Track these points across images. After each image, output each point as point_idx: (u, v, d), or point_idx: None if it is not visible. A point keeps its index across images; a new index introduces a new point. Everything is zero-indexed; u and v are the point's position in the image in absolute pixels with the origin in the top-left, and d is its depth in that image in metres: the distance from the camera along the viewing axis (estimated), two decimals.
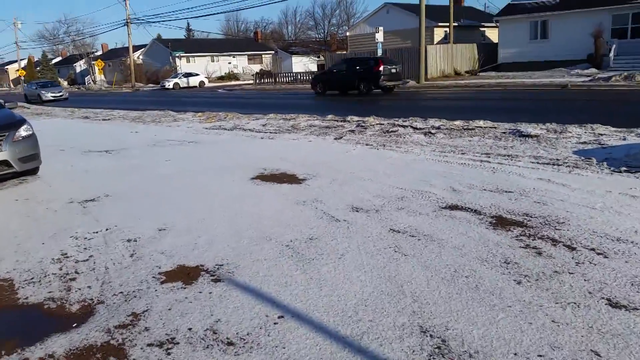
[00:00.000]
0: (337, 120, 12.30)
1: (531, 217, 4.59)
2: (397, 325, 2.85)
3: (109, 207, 5.75)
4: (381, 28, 28.17)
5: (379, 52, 28.27)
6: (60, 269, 3.95)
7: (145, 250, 4.26)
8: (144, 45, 60.96)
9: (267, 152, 8.82)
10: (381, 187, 5.97)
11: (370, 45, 33.74)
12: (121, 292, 3.48)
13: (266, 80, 40.42)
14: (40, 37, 77.51)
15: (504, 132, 8.98)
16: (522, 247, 3.89)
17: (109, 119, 16.78)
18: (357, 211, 5.10)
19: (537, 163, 6.69)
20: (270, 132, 11.39)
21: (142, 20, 59.04)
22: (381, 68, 21.53)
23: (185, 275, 3.71)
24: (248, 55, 59.18)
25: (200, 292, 3.40)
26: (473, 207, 4.95)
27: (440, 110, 13.94)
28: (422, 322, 2.87)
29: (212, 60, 56.66)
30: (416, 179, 6.26)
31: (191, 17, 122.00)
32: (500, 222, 4.48)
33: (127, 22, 48.52)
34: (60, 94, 34.33)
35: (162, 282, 3.60)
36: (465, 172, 6.41)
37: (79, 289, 3.56)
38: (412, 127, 10.23)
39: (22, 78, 63.33)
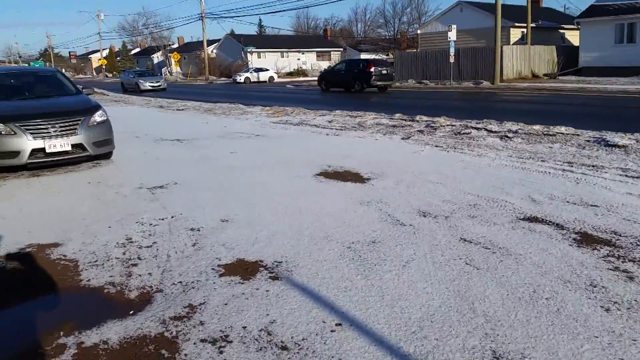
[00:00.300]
0: (405, 120, 11.96)
1: (620, 235, 4.13)
2: (466, 347, 2.59)
3: (176, 194, 5.81)
4: (454, 26, 27.23)
5: (451, 51, 27.40)
6: (124, 254, 3.99)
7: (207, 241, 4.22)
8: (217, 40, 62.89)
9: (332, 149, 8.67)
10: (451, 192, 5.65)
11: (442, 43, 32.84)
12: (180, 282, 3.44)
13: None
14: (121, 29, 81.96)
15: (588, 140, 8.31)
16: (611, 270, 3.48)
17: (182, 109, 17.32)
18: (424, 216, 4.83)
19: (626, 176, 6.09)
20: (336, 129, 11.24)
21: (216, 15, 60.86)
22: (372, 69, 24.38)
23: (244, 269, 3.62)
24: (317, 52, 59.51)
25: (257, 289, 3.29)
26: (554, 221, 4.54)
27: (516, 113, 13.22)
28: (495, 347, 2.59)
29: (282, 56, 57.48)
30: (490, 186, 5.88)
31: (263, 13, 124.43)
32: (585, 239, 4.06)
33: (201, 17, 50.15)
34: (159, 83, 32.38)
35: (220, 275, 3.53)
36: (546, 181, 5.94)
37: (140, 275, 3.56)
38: (486, 129, 9.72)
39: (104, 67, 67.20)
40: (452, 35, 26.82)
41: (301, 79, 50.20)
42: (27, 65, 58.58)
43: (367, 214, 4.94)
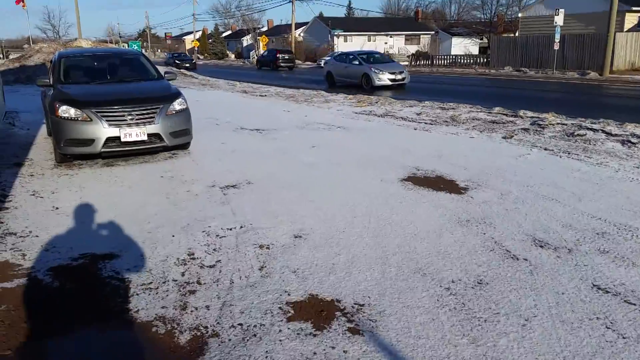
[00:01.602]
0: (505, 114, 10.70)
1: None
2: None
3: (247, 197, 5.28)
4: (562, 10, 24.68)
5: (556, 37, 24.92)
6: (183, 275, 3.47)
7: (277, 265, 3.60)
8: (305, 23, 62.67)
9: (421, 147, 7.77)
10: (571, 214, 4.63)
11: (545, 28, 30.08)
12: (240, 325, 2.84)
13: (422, 62, 38.67)
14: (214, 11, 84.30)
15: None
16: None
17: (265, 95, 17.02)
18: (541, 246, 3.90)
19: None
20: (426, 123, 10.26)
21: None
22: (279, 55, 39.07)
23: (317, 312, 2.95)
24: (406, 35, 57.47)
25: (332, 348, 2.61)
26: None
27: (635, 111, 11.45)
28: None
29: (369, 40, 56.14)
30: (619, 207, 4.77)
31: None
32: None
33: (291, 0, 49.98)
34: (402, 76, 19.35)
35: (289, 319, 2.89)
36: None
37: (196, 309, 3.01)
38: (604, 131, 8.33)
39: (196, 49, 69.54)
40: (559, 19, 24.34)
41: None
42: (125, 45, 61.99)
43: (467, 240, 4.09)
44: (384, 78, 19.01)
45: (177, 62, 40.11)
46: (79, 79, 7.54)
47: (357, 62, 20.16)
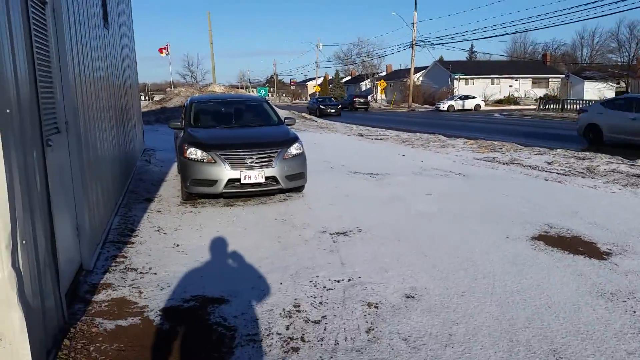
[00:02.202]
0: None
1: None
2: None
3: (357, 246, 5.07)
4: None
5: None
6: (287, 328, 3.32)
7: (386, 329, 3.31)
8: (424, 67, 62.59)
9: (553, 201, 7.01)
10: None
11: None
12: None
13: (551, 107, 36.27)
14: (336, 58, 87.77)
15: None
16: None
17: (380, 139, 16.97)
18: None
19: None
20: (558, 173, 9.36)
21: (427, 42, 60.41)
22: (355, 99, 46.53)
23: None
24: (532, 78, 54.71)
25: None
26: None
27: None
28: None
29: (492, 83, 54.31)
30: None
31: (475, 39, 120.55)
32: None
33: (412, 45, 50.35)
34: None
35: None
36: None
37: None
38: None
39: (317, 93, 72.60)
40: None
41: (512, 107, 46.56)
42: (254, 90, 66.67)
43: (613, 318, 3.45)
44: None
45: (321, 107, 36.25)
46: (207, 122, 8.05)
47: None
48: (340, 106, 38.82)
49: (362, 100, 48.52)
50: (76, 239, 4.07)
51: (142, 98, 69.54)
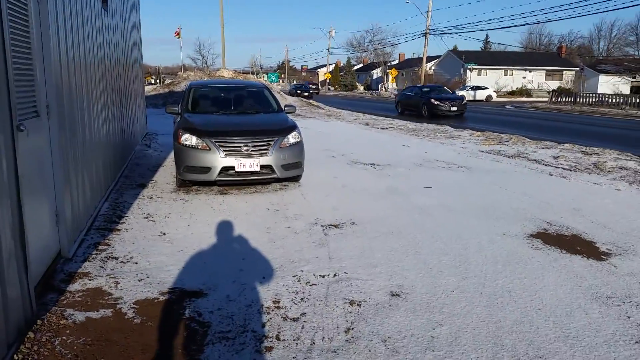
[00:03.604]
0: None
1: None
2: None
3: (348, 240, 4.93)
4: None
5: None
6: (263, 326, 3.19)
7: (365, 329, 3.17)
8: (438, 57, 61.82)
9: (556, 197, 6.81)
10: None
11: None
12: None
13: (564, 100, 35.66)
14: (348, 45, 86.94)
15: None
16: None
17: (386, 129, 16.73)
18: None
19: None
20: (563, 168, 9.12)
21: (440, 31, 59.64)
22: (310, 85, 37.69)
23: None
24: (547, 70, 53.86)
25: None
26: None
27: None
28: None
29: (505, 74, 53.56)
30: None
31: (490, 29, 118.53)
32: None
33: (425, 33, 49.59)
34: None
35: None
36: None
37: None
38: None
39: (328, 81, 72.06)
40: None
41: (524, 99, 45.92)
42: (264, 76, 66.30)
43: (606, 323, 3.29)
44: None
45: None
46: (204, 108, 7.90)
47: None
48: (311, 91, 46.76)
49: (313, 87, 52.61)
50: (54, 227, 3.97)
51: (154, 81, 69.74)
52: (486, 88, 45.12)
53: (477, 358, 2.86)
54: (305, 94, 44.49)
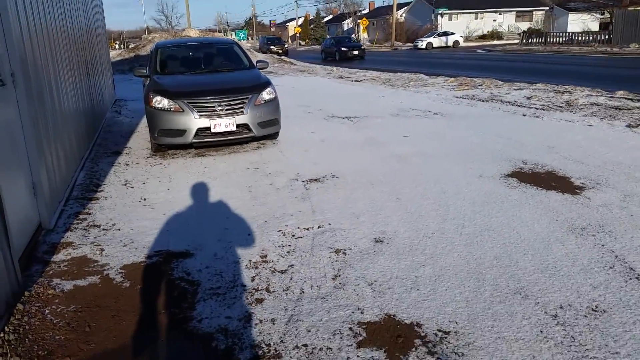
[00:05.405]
0: (631, 99, 9.34)
1: None
2: None
3: (330, 193, 4.97)
4: None
5: None
6: (252, 280, 3.25)
7: (352, 274, 3.26)
8: (408, 3, 60.75)
9: (530, 137, 6.94)
10: None
11: None
12: (305, 345, 2.54)
13: (535, 40, 35.73)
14: None
15: None
16: None
17: (360, 80, 16.61)
18: None
19: None
20: (536, 108, 9.25)
21: None
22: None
23: (393, 338, 2.57)
24: (517, 11, 53.55)
25: None
26: None
27: None
28: None
29: (476, 18, 53.11)
30: None
31: None
32: None
33: None
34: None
35: (359, 344, 2.53)
36: None
37: (260, 322, 2.76)
38: None
39: (298, 35, 70.49)
40: None
41: (495, 42, 45.80)
42: (232, 34, 64.46)
43: (582, 253, 3.44)
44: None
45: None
46: (173, 69, 7.69)
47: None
48: (285, 46, 45.02)
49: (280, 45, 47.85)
50: (33, 198, 3.90)
51: (118, 46, 67.22)
52: (453, 34, 44.68)
53: (460, 294, 2.97)
54: (279, 50, 40.21)
